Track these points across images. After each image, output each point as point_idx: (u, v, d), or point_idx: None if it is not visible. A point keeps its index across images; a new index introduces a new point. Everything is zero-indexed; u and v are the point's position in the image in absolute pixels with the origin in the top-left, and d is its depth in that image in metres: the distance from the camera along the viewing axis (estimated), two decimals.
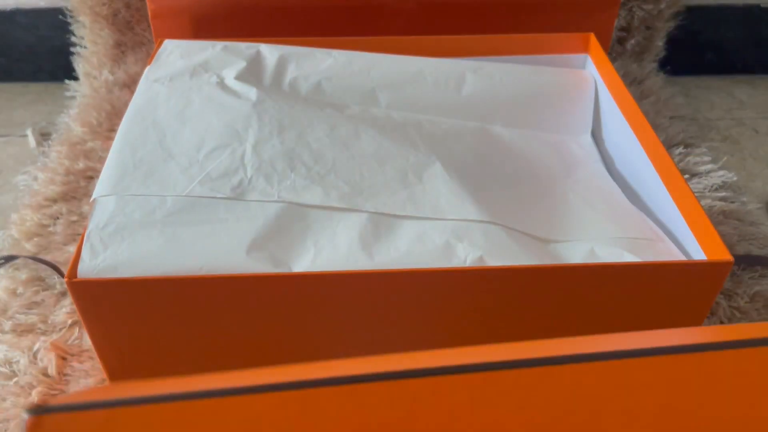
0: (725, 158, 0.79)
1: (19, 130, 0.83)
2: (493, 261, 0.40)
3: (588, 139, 0.56)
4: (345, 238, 0.41)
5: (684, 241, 0.44)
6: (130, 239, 0.40)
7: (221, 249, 0.39)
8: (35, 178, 0.71)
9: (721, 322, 0.58)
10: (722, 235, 0.65)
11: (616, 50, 0.90)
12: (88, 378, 0.52)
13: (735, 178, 0.75)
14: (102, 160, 0.73)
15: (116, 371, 0.42)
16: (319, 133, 0.48)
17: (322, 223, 0.42)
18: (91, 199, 0.43)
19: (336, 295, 0.38)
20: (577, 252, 0.43)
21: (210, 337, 0.40)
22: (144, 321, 0.39)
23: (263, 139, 0.46)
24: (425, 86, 0.55)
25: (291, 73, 0.54)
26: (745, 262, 0.63)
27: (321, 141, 0.47)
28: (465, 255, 0.40)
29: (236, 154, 0.45)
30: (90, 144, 0.75)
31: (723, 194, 0.72)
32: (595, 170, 0.53)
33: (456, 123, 0.53)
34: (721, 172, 0.76)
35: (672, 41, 0.92)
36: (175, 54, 0.55)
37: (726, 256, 0.38)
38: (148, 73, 0.53)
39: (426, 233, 0.41)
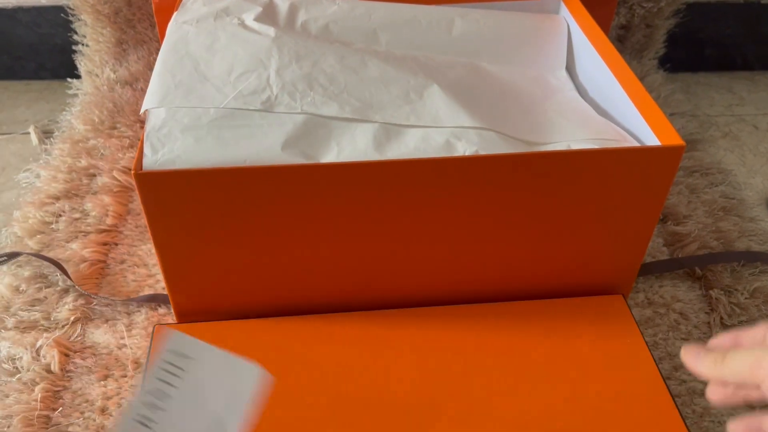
0: (725, 154, 0.79)
1: (21, 127, 0.84)
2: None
3: (563, 73, 0.64)
4: (362, 139, 0.48)
5: (648, 143, 0.50)
6: (183, 139, 0.46)
7: (260, 146, 0.46)
8: (38, 176, 0.71)
9: (721, 318, 0.58)
10: (723, 231, 0.66)
11: (616, 48, 0.90)
12: (90, 374, 0.52)
13: (735, 175, 0.75)
14: (104, 157, 0.73)
15: (173, 264, 0.48)
16: (331, 61, 0.55)
17: (341, 129, 0.49)
18: (141, 111, 0.49)
19: (356, 183, 0.45)
20: (556, 150, 0.50)
21: (251, 223, 0.46)
22: (198, 209, 0.45)
23: (284, 66, 0.53)
24: (420, 28, 0.62)
25: (302, 16, 0.61)
26: (745, 258, 0.63)
27: (333, 67, 0.54)
28: (463, 150, 0.48)
29: (262, 77, 0.51)
30: (92, 142, 0.75)
31: (723, 190, 0.72)
32: (570, 96, 0.60)
33: (448, 58, 0.61)
34: (721, 168, 0.76)
35: (672, 38, 0.93)
36: (198, 2, 0.61)
37: (678, 142, 0.46)
38: (176, 17, 0.59)
39: (429, 135, 0.49)
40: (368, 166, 0.44)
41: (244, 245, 0.47)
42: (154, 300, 0.58)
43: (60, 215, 0.66)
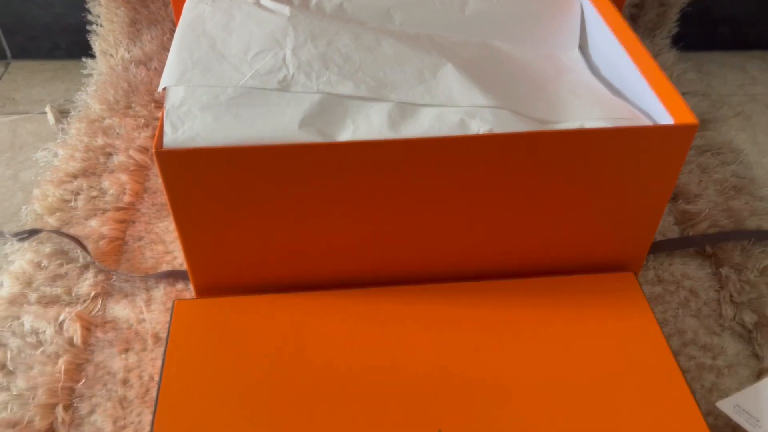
0: (737, 134, 0.79)
1: (37, 107, 0.85)
2: None
3: (576, 52, 0.64)
4: (377, 118, 0.49)
5: (661, 121, 0.51)
6: (202, 117, 0.47)
7: (277, 125, 0.47)
8: (55, 155, 0.72)
9: (731, 296, 0.58)
10: (733, 210, 0.66)
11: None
12: (112, 348, 0.54)
13: (747, 154, 0.75)
14: (120, 136, 0.74)
15: (193, 241, 0.50)
16: (346, 40, 0.55)
17: (357, 108, 0.49)
18: (159, 89, 0.51)
19: (372, 161, 0.46)
20: (569, 128, 0.51)
21: (269, 200, 0.47)
22: (218, 187, 0.46)
23: (299, 45, 0.54)
24: (433, 7, 0.62)
25: None
26: (755, 236, 0.64)
27: (348, 47, 0.55)
28: (477, 128, 0.48)
29: (278, 57, 0.52)
30: (108, 121, 0.76)
31: (734, 169, 0.72)
32: (583, 74, 0.61)
33: (461, 37, 0.61)
34: (732, 148, 0.76)
35: (685, 17, 0.92)
36: None
37: (691, 120, 0.46)
38: None
39: (444, 114, 0.49)
40: (383, 145, 0.45)
41: (263, 221, 0.48)
42: (172, 276, 0.59)
43: (78, 193, 0.67)
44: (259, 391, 0.45)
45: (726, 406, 0.47)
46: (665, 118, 0.49)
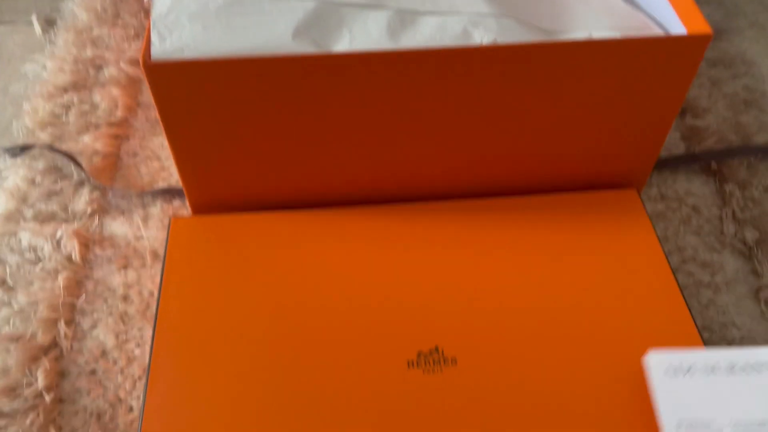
0: (750, 45, 0.76)
1: (23, 16, 0.81)
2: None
3: None
4: (375, 27, 0.47)
5: (674, 30, 0.49)
6: (191, 26, 0.45)
7: (270, 35, 0.45)
8: (44, 67, 0.70)
9: (734, 212, 0.58)
10: (742, 125, 0.65)
11: None
12: (111, 264, 0.54)
13: (759, 66, 0.73)
14: (110, 48, 0.72)
15: (186, 156, 0.48)
16: None
17: (354, 17, 0.47)
18: None
19: (369, 73, 0.44)
20: (576, 38, 0.49)
21: (263, 114, 0.46)
22: (210, 100, 0.44)
23: None
24: None
25: None
26: (762, 152, 0.62)
27: None
28: (480, 38, 0.46)
29: None
30: (96, 31, 0.73)
31: (746, 82, 0.70)
32: None
33: None
34: (745, 60, 0.73)
35: None
36: None
37: (705, 30, 0.44)
38: None
39: (446, 23, 0.47)
40: (382, 56, 0.43)
41: (257, 136, 0.47)
42: (169, 193, 0.58)
43: (69, 107, 0.66)
44: (256, 306, 0.46)
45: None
46: (677, 27, 0.47)
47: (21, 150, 0.61)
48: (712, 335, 0.50)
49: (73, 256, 0.54)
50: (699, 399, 0.35)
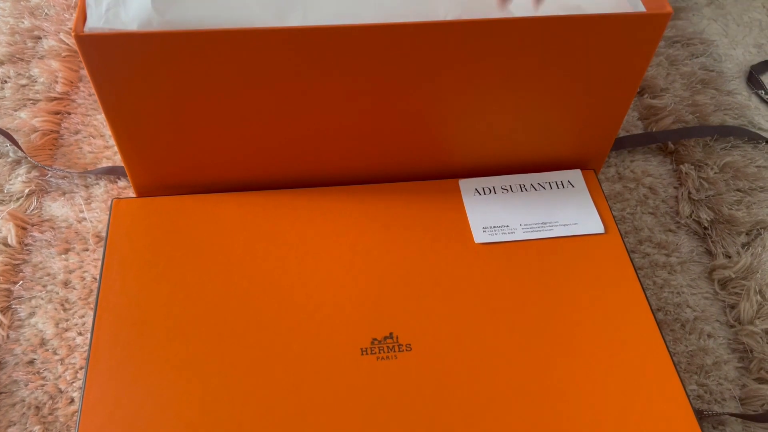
0: (708, 24, 0.76)
1: None
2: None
3: None
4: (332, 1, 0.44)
5: (634, 8, 0.48)
6: None
7: (218, 4, 0.42)
8: None
9: (689, 193, 0.58)
10: (698, 105, 0.65)
11: None
12: (51, 248, 0.51)
13: (717, 45, 0.73)
14: (49, 18, 0.68)
15: (126, 136, 0.46)
16: None
17: None
18: None
19: (323, 50, 0.42)
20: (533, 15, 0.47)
21: (204, 91, 0.43)
22: (149, 76, 0.42)
23: None
24: None
25: None
26: (718, 132, 0.62)
27: None
28: (445, 12, 0.44)
29: None
30: (35, 0, 0.69)
31: (703, 61, 0.70)
32: None
33: None
34: (703, 39, 0.73)
35: None
36: None
37: (665, 9, 0.43)
38: None
39: None
40: (341, 31, 0.41)
41: (199, 115, 0.45)
42: (113, 172, 0.56)
43: (5, 81, 0.62)
44: (201, 291, 0.44)
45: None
46: (637, 4, 0.46)
47: None
48: (666, 316, 0.50)
49: (9, 239, 0.51)
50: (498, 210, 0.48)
